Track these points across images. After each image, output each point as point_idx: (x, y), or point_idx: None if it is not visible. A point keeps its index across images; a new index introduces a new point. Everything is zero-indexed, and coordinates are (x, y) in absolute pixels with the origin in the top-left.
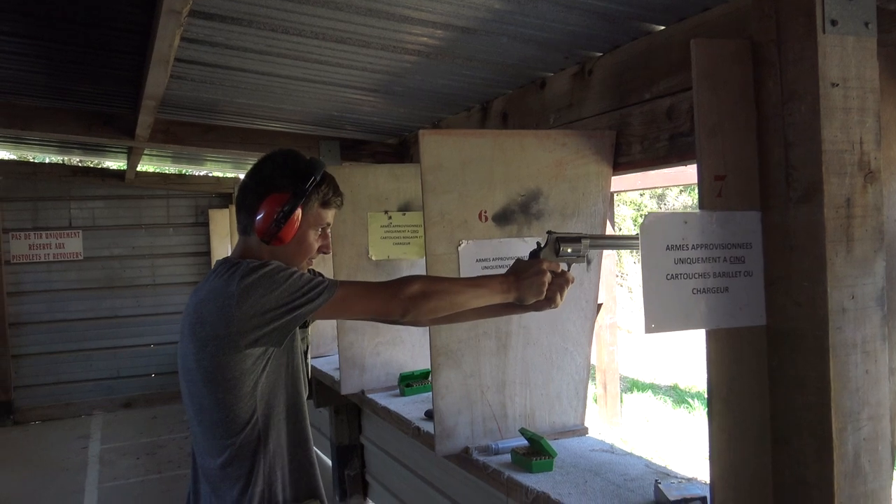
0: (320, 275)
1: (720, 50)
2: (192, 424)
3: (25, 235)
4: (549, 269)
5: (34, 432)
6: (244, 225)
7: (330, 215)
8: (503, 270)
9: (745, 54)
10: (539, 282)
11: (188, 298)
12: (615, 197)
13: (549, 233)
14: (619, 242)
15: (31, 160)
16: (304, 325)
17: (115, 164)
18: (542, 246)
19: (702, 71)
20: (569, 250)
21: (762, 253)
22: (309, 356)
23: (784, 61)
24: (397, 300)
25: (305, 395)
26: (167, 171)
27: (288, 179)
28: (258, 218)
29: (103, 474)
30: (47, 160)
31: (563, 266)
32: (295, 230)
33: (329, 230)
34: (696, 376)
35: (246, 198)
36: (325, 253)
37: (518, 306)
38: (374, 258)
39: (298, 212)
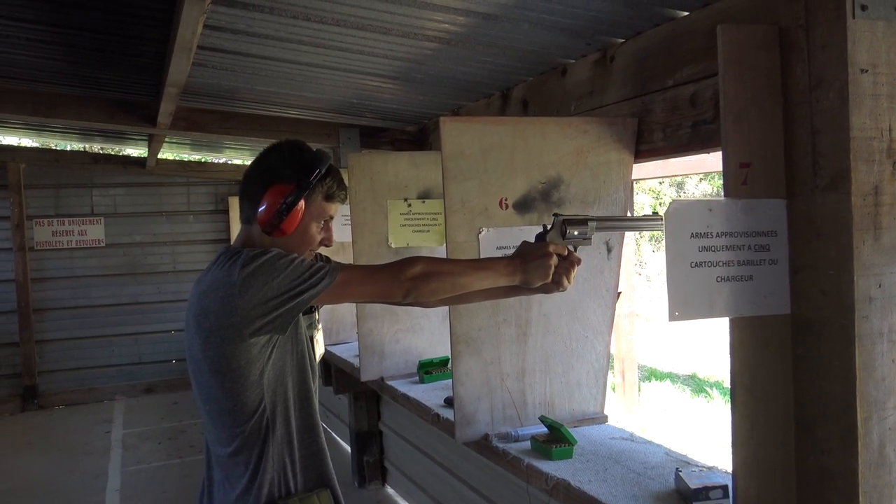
0: (326, 260)
1: (747, 36)
2: (202, 413)
3: (49, 222)
4: (555, 252)
5: (58, 416)
6: (247, 214)
7: (333, 208)
8: None
9: (772, 40)
10: (545, 265)
11: (192, 289)
12: (634, 185)
13: (555, 215)
14: (627, 224)
15: (54, 147)
16: (310, 311)
17: (136, 151)
18: (549, 228)
19: (728, 57)
20: (575, 233)
21: (787, 241)
22: (317, 343)
23: (812, 47)
24: (399, 282)
25: (314, 382)
26: (187, 159)
27: (292, 171)
28: (261, 208)
29: (126, 458)
30: (69, 147)
31: (570, 248)
32: (297, 222)
33: (332, 223)
34: (714, 365)
35: (249, 187)
36: (326, 245)
37: (525, 289)
38: (393, 245)
39: (301, 204)
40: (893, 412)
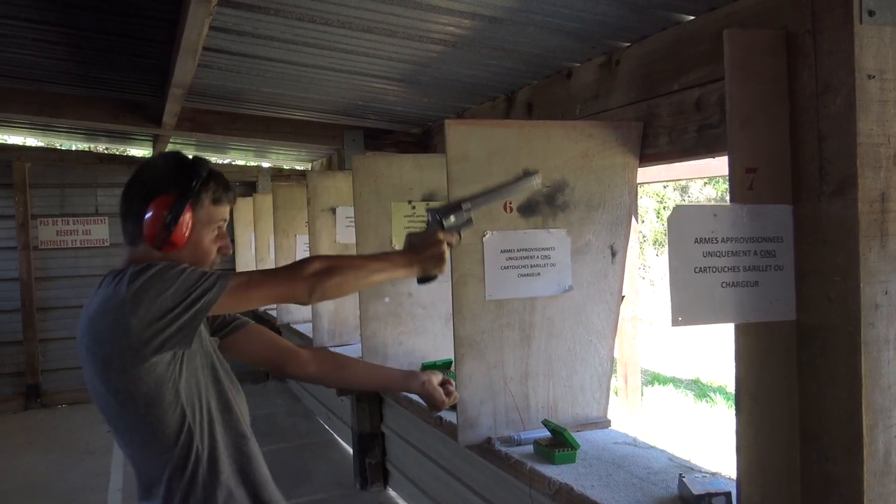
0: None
1: (753, 40)
2: (122, 450)
3: (53, 221)
4: (444, 240)
5: (61, 415)
6: (131, 235)
7: (224, 212)
8: (528, 262)
9: (778, 45)
10: (438, 251)
11: (79, 319)
12: (638, 189)
13: (427, 210)
14: (500, 192)
15: (59, 147)
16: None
17: (141, 151)
18: (428, 224)
19: (734, 62)
20: (452, 219)
21: (793, 247)
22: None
23: (819, 52)
24: (300, 279)
25: (233, 386)
26: None
27: (172, 180)
28: (146, 224)
29: None
30: (74, 147)
31: (458, 234)
32: (188, 232)
33: (225, 228)
34: (718, 370)
35: (131, 205)
36: (224, 254)
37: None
38: (397, 248)
39: (189, 213)
40: None
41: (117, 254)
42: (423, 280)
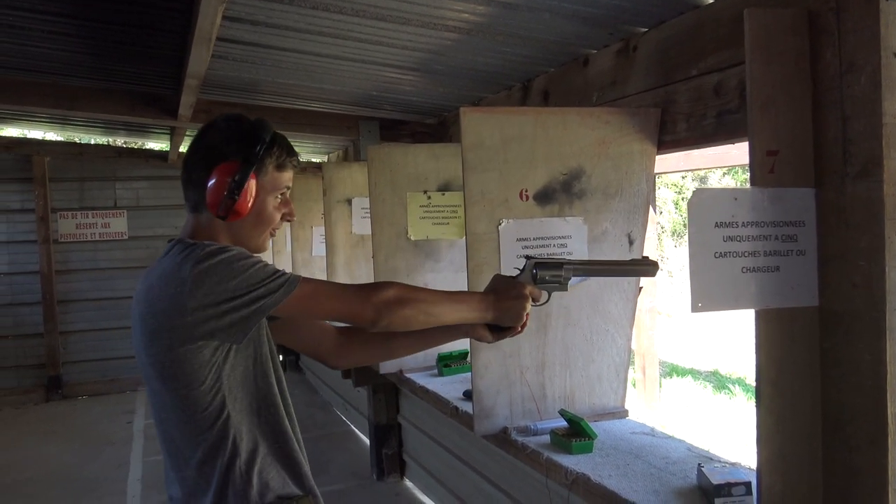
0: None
1: (775, 20)
2: (157, 427)
3: (72, 215)
4: (531, 295)
5: (82, 406)
6: (194, 202)
7: (288, 177)
8: (545, 250)
9: (801, 24)
10: (520, 306)
11: (138, 284)
12: (656, 179)
13: (526, 258)
14: (611, 269)
15: (78, 141)
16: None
17: (158, 145)
18: (521, 271)
19: (755, 42)
20: (547, 277)
21: (816, 231)
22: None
23: (843, 30)
24: (370, 304)
25: (280, 386)
26: None
27: (235, 146)
28: (209, 192)
29: (147, 448)
30: (93, 141)
31: (545, 296)
32: (252, 200)
33: (289, 194)
34: (736, 362)
35: (192, 172)
36: (288, 220)
37: (482, 331)
38: (412, 238)
39: (252, 181)
40: None
41: (136, 247)
42: (495, 330)
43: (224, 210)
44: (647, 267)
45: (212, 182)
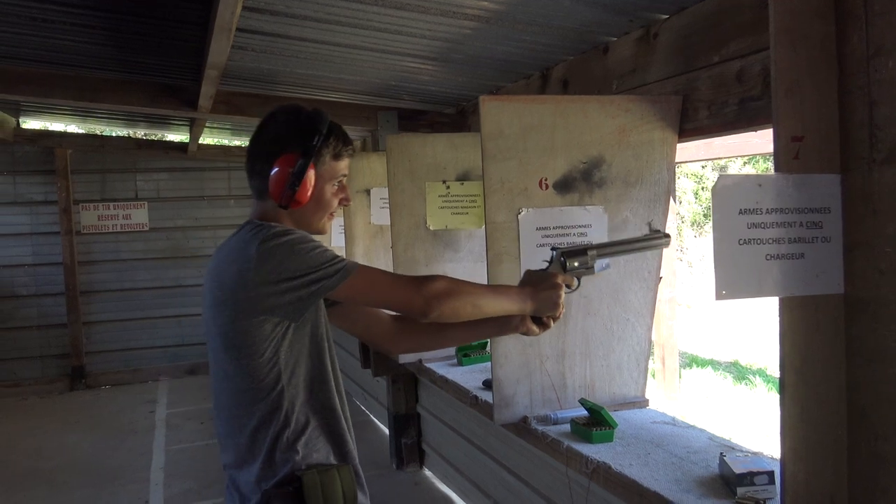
0: None
1: (800, 3)
2: (215, 395)
3: (94, 207)
4: (563, 283)
5: (105, 396)
6: (258, 190)
7: (344, 166)
8: (565, 239)
9: (827, 7)
10: (556, 296)
11: (211, 259)
12: (676, 169)
13: (552, 249)
14: (629, 247)
15: (100, 133)
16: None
17: (178, 136)
18: (549, 262)
19: (780, 26)
20: (576, 264)
21: (841, 217)
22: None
23: (870, 13)
24: (421, 295)
25: (333, 365)
26: (228, 144)
27: (294, 138)
28: (270, 182)
29: (169, 437)
30: (114, 134)
31: (575, 282)
32: (311, 189)
33: (345, 181)
34: (757, 352)
35: (254, 163)
36: (345, 205)
37: (529, 324)
38: (431, 228)
39: (311, 171)
40: None
41: (157, 238)
42: (537, 322)
43: (286, 200)
44: (662, 239)
45: (273, 173)
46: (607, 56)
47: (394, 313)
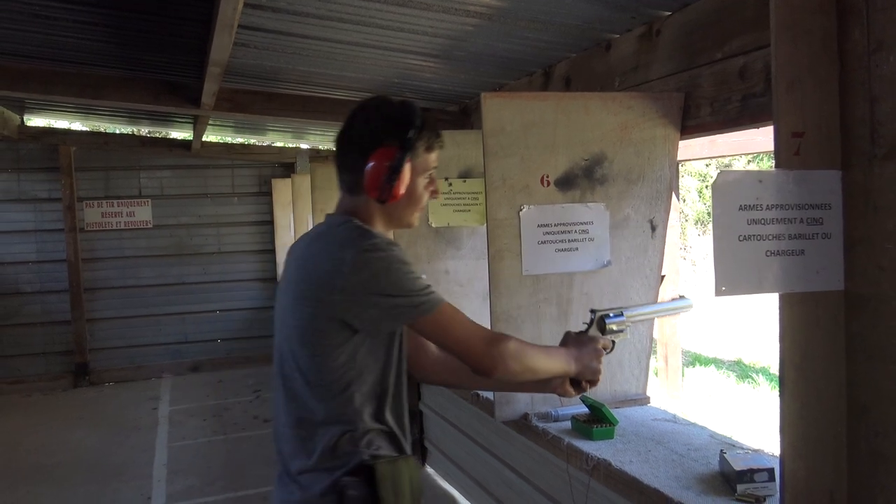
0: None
1: None
2: (282, 382)
3: (98, 204)
4: (603, 348)
5: (108, 393)
6: (349, 184)
7: (434, 158)
8: (566, 236)
9: (828, 2)
10: (598, 362)
11: (293, 249)
12: (680, 167)
13: (592, 311)
14: (655, 312)
15: (103, 131)
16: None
17: (182, 134)
18: (589, 325)
19: (781, 21)
20: (614, 327)
21: (842, 214)
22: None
23: (872, 8)
24: (491, 355)
25: (400, 378)
26: (231, 142)
27: (390, 131)
28: (367, 177)
29: (172, 434)
30: (117, 131)
31: (611, 345)
32: (407, 183)
33: (434, 173)
34: (760, 351)
35: (346, 157)
36: (434, 198)
37: (567, 386)
38: (433, 225)
39: (407, 164)
40: None
41: (160, 235)
42: (573, 384)
43: (385, 194)
44: (684, 303)
45: (369, 167)
46: (610, 53)
47: None
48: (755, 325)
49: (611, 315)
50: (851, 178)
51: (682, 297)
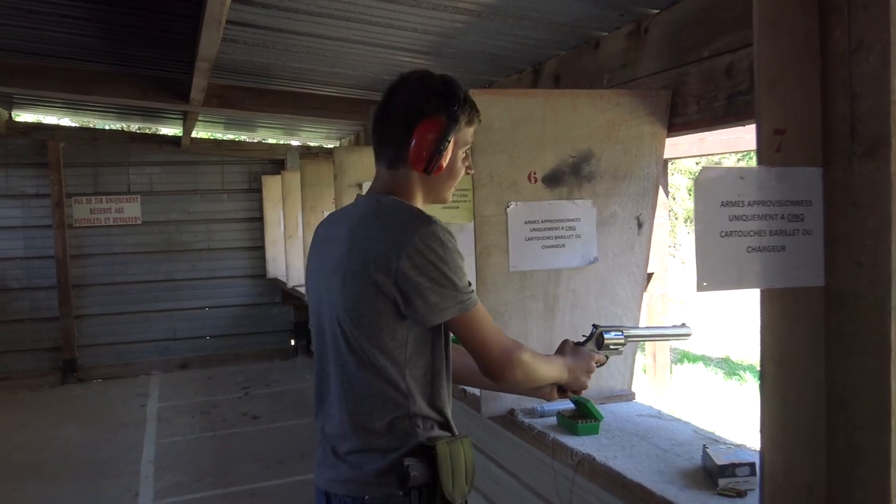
0: None
1: None
2: (333, 363)
3: (87, 200)
4: (597, 361)
5: (96, 390)
6: (390, 158)
7: (472, 132)
8: (553, 233)
9: (810, 1)
10: (588, 376)
11: (329, 230)
12: (669, 165)
13: (594, 326)
14: (652, 335)
15: (92, 127)
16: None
17: (171, 130)
18: (588, 338)
19: (764, 19)
20: (611, 346)
21: (822, 211)
22: None
23: (853, 7)
24: (507, 359)
25: (447, 363)
26: (221, 138)
27: (435, 103)
28: (413, 148)
29: (160, 431)
30: (107, 127)
31: (605, 360)
32: (451, 156)
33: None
34: (748, 348)
35: (389, 129)
36: (469, 173)
37: (553, 391)
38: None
39: (452, 136)
40: None
41: (149, 232)
42: (559, 390)
43: (431, 166)
44: (683, 331)
45: (415, 139)
46: (598, 51)
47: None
48: (743, 322)
49: (610, 333)
50: (832, 175)
51: (683, 325)
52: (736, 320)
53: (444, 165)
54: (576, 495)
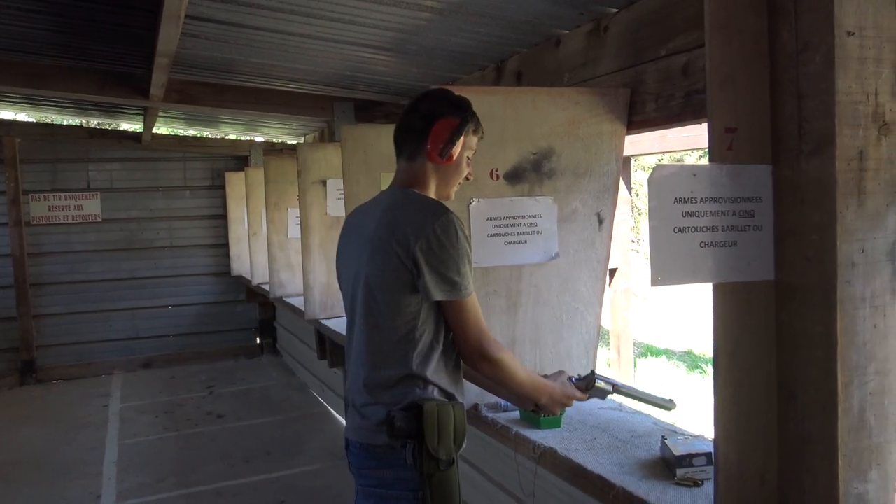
0: None
1: None
2: (361, 330)
3: (45, 197)
4: (580, 399)
5: (56, 391)
6: (411, 151)
7: (476, 142)
8: (515, 229)
9: (760, 3)
10: (560, 407)
11: (363, 217)
12: (633, 162)
13: (592, 372)
14: (642, 397)
15: (50, 122)
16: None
17: (132, 126)
18: (580, 378)
19: (715, 21)
20: (598, 394)
21: (772, 207)
22: None
23: (800, 10)
24: (488, 350)
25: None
26: (183, 134)
27: (451, 108)
28: (431, 136)
29: (123, 431)
30: (65, 122)
31: (586, 397)
32: (460, 151)
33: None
34: (710, 343)
35: (412, 128)
36: (469, 179)
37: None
38: None
39: (462, 136)
40: (874, 377)
41: (110, 229)
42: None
43: (443, 153)
44: (666, 403)
45: (434, 132)
46: (559, 49)
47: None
48: (706, 317)
49: (602, 381)
50: (781, 172)
51: (670, 400)
52: (699, 315)
53: (454, 157)
54: (538, 487)
